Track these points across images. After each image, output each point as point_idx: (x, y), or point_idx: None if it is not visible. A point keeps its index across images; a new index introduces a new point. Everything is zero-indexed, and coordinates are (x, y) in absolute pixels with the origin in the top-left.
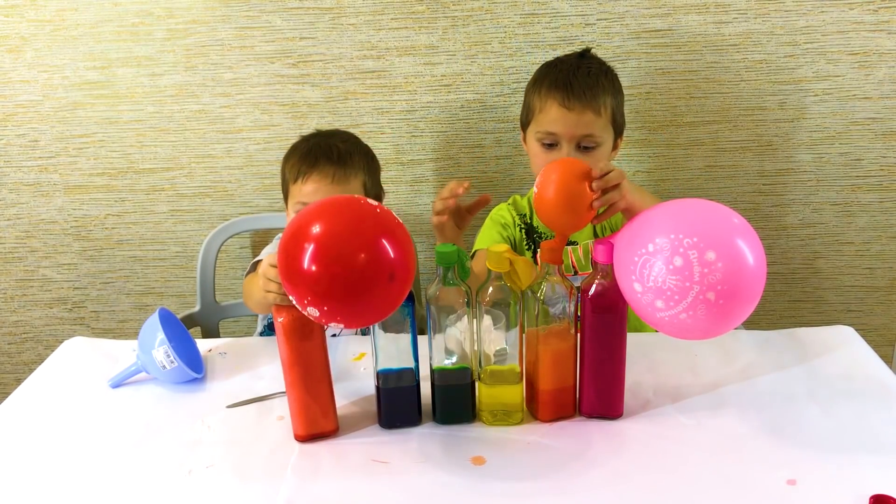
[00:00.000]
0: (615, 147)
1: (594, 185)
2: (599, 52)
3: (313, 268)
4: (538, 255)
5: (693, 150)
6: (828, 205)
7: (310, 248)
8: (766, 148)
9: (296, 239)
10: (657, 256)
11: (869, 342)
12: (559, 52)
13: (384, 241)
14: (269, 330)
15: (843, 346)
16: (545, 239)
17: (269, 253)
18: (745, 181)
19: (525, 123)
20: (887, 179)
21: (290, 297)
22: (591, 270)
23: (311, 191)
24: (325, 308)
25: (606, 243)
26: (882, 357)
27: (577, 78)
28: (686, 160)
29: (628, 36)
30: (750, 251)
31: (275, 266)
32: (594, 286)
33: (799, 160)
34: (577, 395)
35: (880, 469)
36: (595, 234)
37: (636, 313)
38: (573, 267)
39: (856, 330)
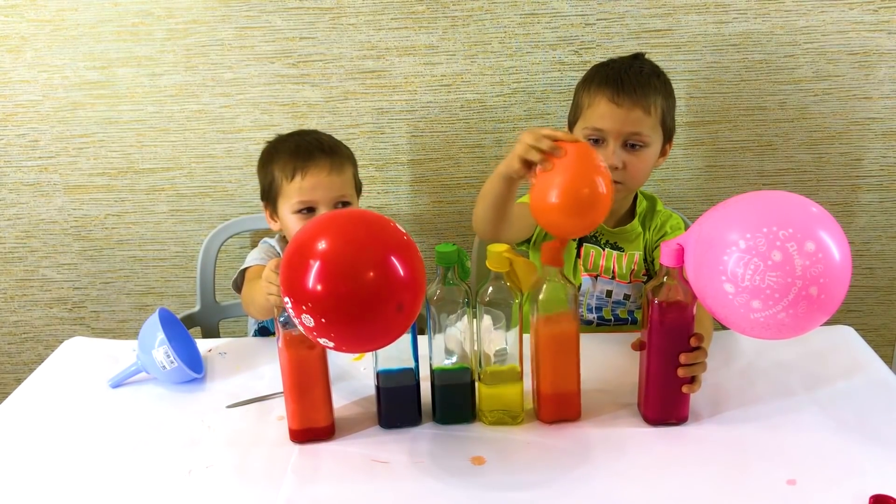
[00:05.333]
0: (664, 153)
1: (682, 365)
2: (599, 53)
3: (318, 286)
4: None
5: (693, 150)
6: (828, 205)
7: (316, 265)
8: (766, 148)
9: (301, 254)
10: (752, 253)
11: (869, 342)
12: (559, 52)
13: (396, 264)
14: (259, 334)
15: (843, 346)
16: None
17: (256, 259)
18: (745, 181)
19: (572, 122)
20: (887, 179)
21: (287, 302)
22: (631, 280)
23: (311, 185)
24: (323, 320)
25: (675, 246)
26: (882, 357)
27: (629, 75)
28: (686, 160)
29: (628, 36)
30: (837, 240)
31: (275, 271)
32: (662, 291)
33: (799, 160)
34: (641, 402)
35: (880, 469)
36: (645, 247)
37: (716, 316)
38: (613, 272)
39: (856, 330)
